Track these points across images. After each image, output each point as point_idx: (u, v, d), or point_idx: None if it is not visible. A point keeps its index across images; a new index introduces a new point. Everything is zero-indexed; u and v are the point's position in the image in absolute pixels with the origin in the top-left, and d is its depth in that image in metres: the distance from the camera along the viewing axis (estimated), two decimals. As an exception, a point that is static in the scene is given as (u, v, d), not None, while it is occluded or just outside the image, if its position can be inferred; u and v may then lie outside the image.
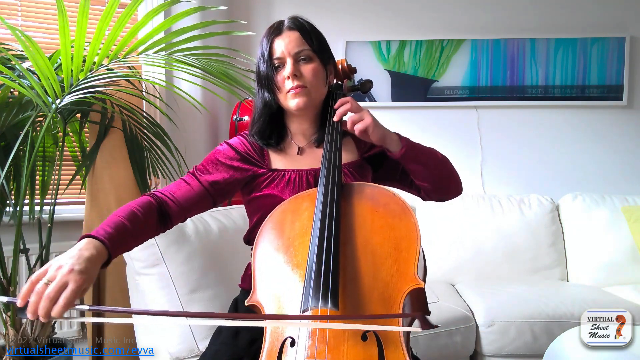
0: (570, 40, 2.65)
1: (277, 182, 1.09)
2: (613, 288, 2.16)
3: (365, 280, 0.84)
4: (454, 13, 2.72)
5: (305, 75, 1.04)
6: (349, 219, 0.93)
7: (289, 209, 0.99)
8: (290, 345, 0.78)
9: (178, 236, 1.54)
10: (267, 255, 0.94)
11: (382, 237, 0.90)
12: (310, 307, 0.78)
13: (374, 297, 0.82)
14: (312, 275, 0.81)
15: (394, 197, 0.96)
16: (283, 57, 1.04)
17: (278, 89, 1.06)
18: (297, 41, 1.04)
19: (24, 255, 1.70)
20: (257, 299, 0.87)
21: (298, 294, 0.83)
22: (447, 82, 2.71)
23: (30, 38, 1.43)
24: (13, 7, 2.15)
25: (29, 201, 1.83)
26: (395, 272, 0.85)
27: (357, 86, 1.24)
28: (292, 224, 0.96)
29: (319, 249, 0.85)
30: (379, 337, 0.77)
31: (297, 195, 1.03)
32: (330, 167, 0.99)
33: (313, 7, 2.69)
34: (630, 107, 2.67)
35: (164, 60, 1.72)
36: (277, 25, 1.08)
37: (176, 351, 1.42)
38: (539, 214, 2.41)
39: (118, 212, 0.93)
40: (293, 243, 0.92)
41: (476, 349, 1.88)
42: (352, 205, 0.96)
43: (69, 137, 2.01)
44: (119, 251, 0.88)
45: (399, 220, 0.92)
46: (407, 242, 0.88)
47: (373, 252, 0.88)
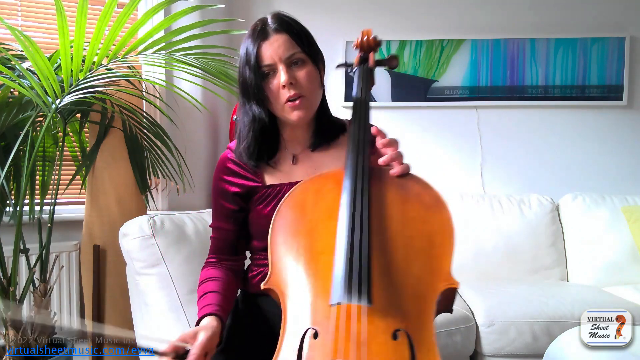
0: (570, 40, 2.65)
1: (271, 199, 1.03)
2: (613, 288, 2.16)
3: (397, 274, 0.79)
4: (454, 13, 2.72)
5: (301, 81, 0.97)
6: (379, 207, 0.86)
7: (311, 189, 0.92)
8: (314, 337, 0.73)
9: (178, 236, 1.54)
10: (286, 238, 0.87)
11: (414, 229, 0.84)
12: (342, 301, 0.73)
13: (407, 294, 0.77)
14: (344, 267, 0.76)
15: (427, 187, 0.90)
16: (273, 64, 0.96)
17: (271, 98, 0.98)
18: (287, 44, 0.96)
19: (24, 255, 1.69)
20: (276, 283, 0.82)
21: (323, 284, 0.78)
22: (447, 82, 2.71)
23: (29, 38, 1.43)
24: (13, 7, 2.15)
25: (29, 201, 1.83)
26: (429, 269, 0.80)
27: (383, 61, 1.14)
28: (314, 206, 0.89)
29: (349, 236, 0.79)
30: (411, 337, 0.72)
31: (320, 174, 0.96)
32: (358, 148, 0.92)
33: (313, 7, 2.70)
34: (630, 107, 2.67)
35: (163, 60, 1.72)
36: (261, 27, 0.98)
37: (176, 351, 1.42)
38: (539, 214, 2.41)
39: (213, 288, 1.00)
40: (316, 226, 0.86)
41: (476, 349, 1.88)
42: (381, 191, 0.88)
43: (69, 137, 2.01)
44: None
45: (432, 213, 0.86)
46: (441, 237, 0.83)
47: (405, 244, 0.82)
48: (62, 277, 2.17)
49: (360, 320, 0.71)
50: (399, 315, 0.74)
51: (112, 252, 1.93)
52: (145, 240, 1.49)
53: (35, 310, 1.66)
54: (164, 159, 1.97)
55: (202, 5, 1.69)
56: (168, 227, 1.54)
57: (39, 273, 1.70)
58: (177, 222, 1.58)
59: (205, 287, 1.01)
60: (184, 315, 1.44)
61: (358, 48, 1.14)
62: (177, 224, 1.57)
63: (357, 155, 0.91)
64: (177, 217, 1.61)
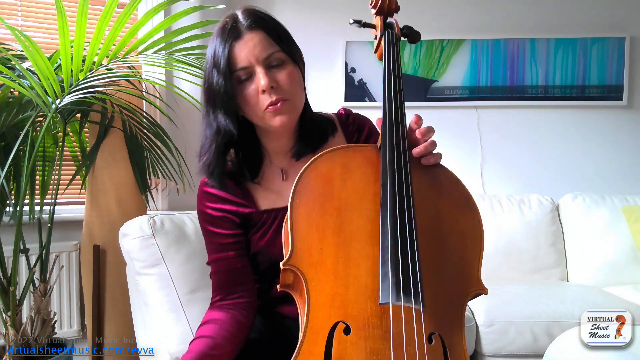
0: (570, 40, 2.65)
1: (267, 227, 0.92)
2: (613, 288, 2.16)
3: (434, 274, 0.73)
4: (454, 13, 2.72)
5: (282, 84, 0.85)
6: (418, 199, 0.78)
7: (338, 162, 0.81)
8: (344, 332, 0.67)
9: (178, 236, 1.54)
10: (311, 212, 0.76)
11: (448, 227, 0.78)
12: (402, 303, 0.67)
13: (442, 296, 0.73)
14: (393, 265, 0.69)
15: (459, 185, 0.83)
16: (249, 66, 0.83)
17: (248, 106, 0.86)
18: (264, 43, 0.84)
19: (24, 255, 1.69)
20: (300, 262, 0.73)
21: (356, 275, 0.71)
22: (447, 82, 2.71)
23: (29, 38, 1.43)
24: (13, 7, 2.15)
25: (29, 201, 1.83)
26: (460, 271, 0.76)
27: (404, 31, 1.03)
28: (342, 182, 0.79)
29: (400, 228, 0.72)
30: (444, 341, 0.69)
31: (347, 145, 0.86)
32: (397, 124, 0.83)
33: (313, 7, 2.70)
34: (630, 107, 2.67)
35: (163, 60, 1.73)
36: (232, 25, 0.84)
37: (176, 351, 1.42)
38: (539, 214, 2.41)
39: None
40: (346, 206, 0.76)
41: (476, 349, 1.88)
42: (415, 180, 0.79)
43: (69, 137, 2.01)
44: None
45: (463, 214, 0.80)
46: (471, 240, 0.79)
47: (441, 243, 0.76)
48: (62, 277, 2.17)
49: (402, 322, 0.67)
50: (435, 318, 0.70)
51: (112, 252, 1.93)
52: (145, 240, 1.49)
53: (35, 310, 1.66)
54: (164, 159, 1.97)
55: (202, 6, 1.70)
56: (168, 227, 1.54)
57: (39, 273, 1.70)
58: (177, 222, 1.58)
59: (199, 332, 0.90)
60: (184, 315, 1.44)
61: (376, 9, 1.01)
62: (177, 224, 1.57)
63: (396, 135, 0.81)
64: (177, 217, 1.61)
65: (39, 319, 1.65)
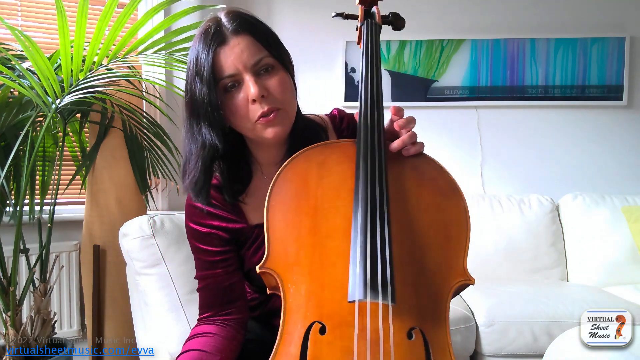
0: (570, 40, 2.65)
1: (260, 242, 0.88)
2: (613, 288, 2.16)
3: (413, 268, 0.71)
4: (454, 13, 2.72)
5: (274, 92, 0.78)
6: (395, 191, 0.76)
7: (315, 160, 0.79)
8: (320, 332, 0.66)
9: (178, 236, 1.54)
10: (286, 213, 0.75)
11: (430, 218, 0.75)
12: (368, 299, 0.65)
13: (422, 290, 0.71)
14: (363, 261, 0.66)
15: (443, 172, 0.80)
16: (237, 74, 0.77)
17: (237, 117, 0.79)
18: (252, 48, 0.77)
19: (24, 255, 1.70)
20: (275, 264, 0.72)
21: (331, 273, 0.70)
22: (447, 82, 2.71)
23: (29, 38, 1.43)
24: (13, 7, 2.15)
25: (29, 201, 1.83)
26: (444, 262, 0.73)
27: (389, 18, 1.00)
28: (318, 180, 0.77)
29: (371, 224, 0.69)
30: (426, 336, 0.67)
31: (324, 143, 0.83)
32: (371, 120, 0.79)
33: (313, 7, 2.70)
34: (630, 107, 2.66)
35: (163, 60, 1.73)
36: (215, 28, 0.78)
37: (176, 351, 1.41)
38: (539, 214, 2.41)
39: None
40: (322, 205, 0.75)
41: (476, 349, 1.88)
42: (394, 172, 0.77)
43: (69, 137, 2.01)
44: None
45: (448, 201, 0.77)
46: (456, 229, 0.76)
47: (421, 235, 0.74)
48: (62, 277, 2.17)
49: (378, 319, 0.65)
50: (414, 313, 0.68)
51: (112, 252, 1.93)
52: (145, 240, 1.49)
53: (35, 310, 1.66)
54: (164, 159, 1.97)
55: (202, 6, 1.69)
56: (168, 227, 1.54)
57: (39, 273, 1.70)
58: (177, 222, 1.58)
59: (187, 346, 0.85)
60: (184, 315, 1.44)
61: (361, 2, 0.98)
62: (177, 224, 1.57)
63: (371, 128, 0.78)
64: (177, 217, 1.61)
65: (39, 319, 1.65)
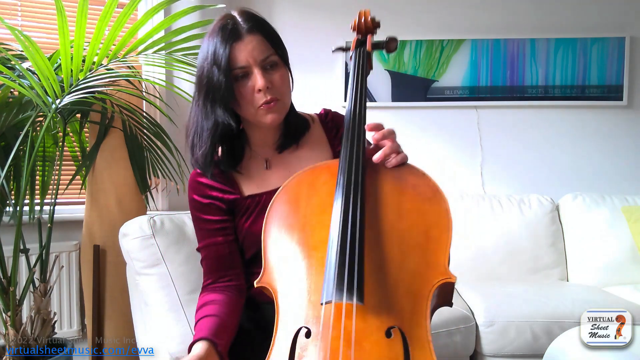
0: (570, 40, 2.65)
1: (251, 210, 1.00)
2: (613, 288, 2.16)
3: (391, 270, 0.76)
4: (454, 13, 2.72)
5: (276, 85, 0.93)
6: (373, 199, 0.83)
7: (305, 182, 0.90)
8: (306, 336, 0.72)
9: (178, 236, 1.54)
10: (279, 233, 0.85)
11: (410, 222, 0.81)
12: (333, 300, 0.71)
13: (400, 290, 0.75)
14: (335, 264, 0.73)
15: (424, 178, 0.87)
16: (247, 66, 0.90)
17: (243, 102, 0.93)
18: (262, 46, 0.91)
19: (24, 255, 1.70)
20: (268, 281, 0.81)
21: (315, 280, 0.77)
22: (447, 82, 2.71)
23: (29, 38, 1.43)
24: (13, 7, 2.15)
25: (29, 201, 1.83)
26: (424, 263, 0.78)
27: (381, 43, 1.09)
28: (308, 199, 0.87)
29: (342, 232, 0.76)
30: (405, 334, 0.71)
31: (315, 165, 0.93)
32: (352, 139, 0.88)
33: (313, 7, 2.70)
34: (630, 107, 2.66)
35: (163, 60, 1.73)
36: (232, 26, 0.92)
37: (176, 351, 1.42)
38: (539, 214, 2.41)
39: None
40: (309, 221, 0.84)
41: (476, 349, 1.88)
42: (376, 183, 0.86)
43: (69, 137, 2.01)
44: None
45: (429, 205, 0.83)
46: (437, 230, 0.81)
47: (400, 239, 0.79)
48: (62, 277, 2.17)
49: (352, 318, 0.70)
50: (392, 313, 0.73)
51: (112, 252, 1.93)
52: (145, 240, 1.49)
53: (35, 310, 1.66)
54: (164, 159, 1.97)
55: (202, 5, 1.70)
56: (168, 227, 1.54)
57: (39, 273, 1.70)
58: (177, 222, 1.58)
59: (202, 312, 0.95)
60: (184, 315, 1.44)
61: (355, 30, 1.11)
62: (177, 224, 1.58)
63: (352, 146, 0.87)
64: (177, 217, 1.61)
65: (39, 319, 1.65)
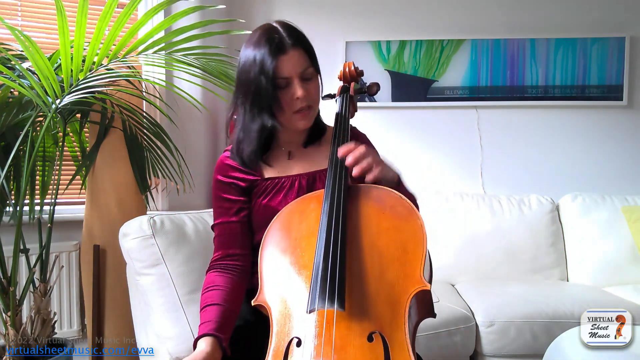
0: (570, 40, 2.65)
1: (269, 190, 1.10)
2: (613, 288, 2.16)
3: (372, 281, 0.85)
4: (454, 13, 2.72)
5: (311, 94, 1.05)
6: (356, 220, 0.94)
7: (296, 210, 1.01)
8: (297, 346, 0.80)
9: (178, 236, 1.54)
10: (273, 256, 0.95)
11: (388, 238, 0.91)
12: (316, 308, 0.80)
13: (381, 299, 0.83)
14: (319, 276, 0.83)
15: (401, 200, 0.97)
16: (290, 77, 1.02)
17: (282, 107, 1.04)
18: (302, 60, 1.03)
19: (24, 255, 1.70)
20: (263, 299, 0.89)
21: (305, 294, 0.84)
22: (447, 82, 2.71)
23: (29, 38, 1.43)
24: (13, 7, 2.15)
25: (29, 201, 1.83)
26: (402, 274, 0.85)
27: (364, 89, 1.25)
28: (299, 225, 0.97)
29: (325, 249, 0.86)
30: (385, 338, 0.78)
31: (304, 196, 1.04)
32: (336, 168, 1.00)
33: (313, 7, 2.70)
34: (630, 107, 2.66)
35: (163, 60, 1.73)
36: (278, 40, 1.02)
37: (176, 351, 1.42)
38: (539, 214, 2.41)
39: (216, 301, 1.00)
40: (300, 244, 0.94)
41: (476, 349, 1.88)
42: (358, 206, 0.96)
43: (69, 137, 2.01)
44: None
45: (405, 222, 0.93)
46: (413, 244, 0.89)
47: (379, 253, 0.89)
48: (62, 277, 2.17)
49: (335, 325, 0.78)
50: (374, 319, 0.80)
51: (112, 252, 1.93)
52: (145, 240, 1.50)
53: (35, 310, 1.66)
54: (164, 159, 1.97)
55: (202, 6, 1.70)
56: (168, 227, 1.54)
57: (39, 273, 1.70)
58: (177, 222, 1.58)
59: (208, 298, 1.02)
60: (184, 315, 1.44)
61: (341, 79, 1.26)
62: (177, 224, 1.58)
63: (335, 175, 0.98)
64: (177, 217, 1.61)
65: (39, 319, 1.65)
